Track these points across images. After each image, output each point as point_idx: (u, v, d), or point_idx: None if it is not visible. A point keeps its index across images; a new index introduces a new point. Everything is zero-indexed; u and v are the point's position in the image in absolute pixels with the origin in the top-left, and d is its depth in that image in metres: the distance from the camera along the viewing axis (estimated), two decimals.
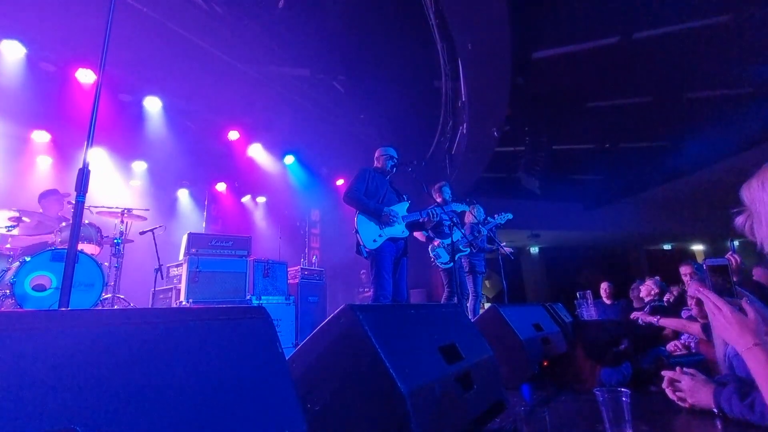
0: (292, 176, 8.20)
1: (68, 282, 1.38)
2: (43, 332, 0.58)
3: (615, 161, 9.41)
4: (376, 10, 5.50)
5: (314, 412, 0.99)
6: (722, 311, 1.06)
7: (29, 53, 4.85)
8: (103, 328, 0.64)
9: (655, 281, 4.34)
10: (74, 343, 0.60)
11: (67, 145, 6.31)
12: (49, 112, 5.59)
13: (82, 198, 1.59)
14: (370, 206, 3.28)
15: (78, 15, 4.52)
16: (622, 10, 5.35)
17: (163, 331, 0.70)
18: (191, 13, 5.11)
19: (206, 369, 0.71)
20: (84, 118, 5.31)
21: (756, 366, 0.99)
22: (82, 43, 4.88)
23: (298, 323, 5.12)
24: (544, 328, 2.30)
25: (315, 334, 1.09)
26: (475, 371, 1.29)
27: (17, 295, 3.24)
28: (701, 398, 1.34)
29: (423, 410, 0.97)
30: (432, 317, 1.40)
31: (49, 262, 3.41)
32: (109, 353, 0.63)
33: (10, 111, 5.32)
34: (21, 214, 3.75)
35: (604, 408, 1.11)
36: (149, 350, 0.67)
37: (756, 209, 1.03)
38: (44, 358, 0.56)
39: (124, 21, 4.54)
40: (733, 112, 7.28)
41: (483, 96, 5.89)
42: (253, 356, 0.78)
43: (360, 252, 3.32)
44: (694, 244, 15.63)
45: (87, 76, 5.28)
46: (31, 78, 4.99)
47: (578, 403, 1.69)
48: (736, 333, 1.03)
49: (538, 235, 12.80)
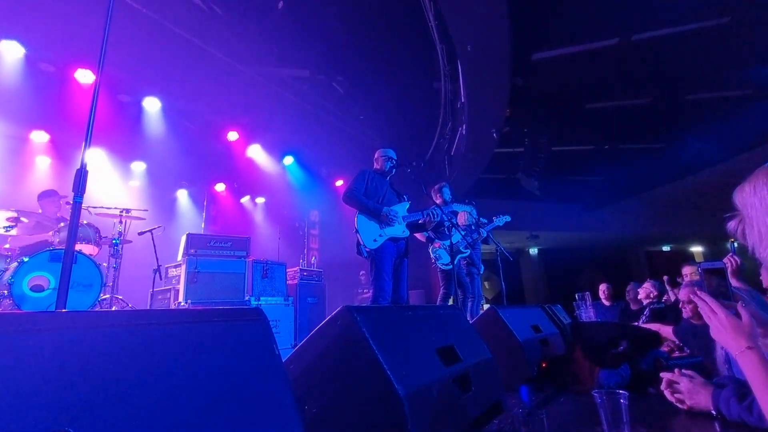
0: (291, 177, 8.20)
1: (66, 282, 1.37)
2: (40, 334, 0.58)
3: (614, 162, 9.43)
4: (375, 11, 5.51)
5: (311, 414, 0.98)
6: (717, 315, 1.06)
7: (28, 53, 4.84)
8: (98, 329, 0.64)
9: (653, 284, 4.35)
10: (70, 344, 0.59)
11: (65, 145, 6.31)
12: (48, 112, 5.58)
13: (79, 199, 1.58)
14: (369, 206, 3.28)
15: (77, 15, 4.51)
16: (621, 11, 5.36)
17: (158, 333, 0.69)
18: (190, 14, 5.11)
19: (202, 371, 0.70)
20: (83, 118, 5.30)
21: (749, 369, 0.99)
22: (82, 43, 4.88)
23: (296, 324, 5.12)
24: (543, 329, 2.30)
25: (312, 335, 1.09)
26: (473, 373, 1.29)
27: (15, 295, 3.24)
28: (700, 400, 1.34)
29: (421, 412, 0.97)
30: (430, 319, 1.40)
31: (47, 263, 3.41)
32: (104, 355, 0.62)
33: (9, 111, 5.32)
34: (19, 215, 3.74)
35: (602, 410, 1.11)
36: (144, 352, 0.66)
37: (748, 214, 1.03)
38: (40, 360, 0.56)
39: (124, 22, 4.54)
40: (733, 114, 7.29)
41: (482, 97, 5.90)
42: (249, 358, 0.78)
43: (360, 252, 3.30)
44: (693, 245, 15.65)
45: (86, 77, 5.27)
46: (30, 78, 4.99)
47: (577, 404, 1.68)
48: (730, 336, 1.04)
49: (537, 236, 12.81)
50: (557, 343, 2.34)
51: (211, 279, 4.53)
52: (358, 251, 3.32)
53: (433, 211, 3.53)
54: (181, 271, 4.53)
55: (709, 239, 14.46)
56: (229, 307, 0.83)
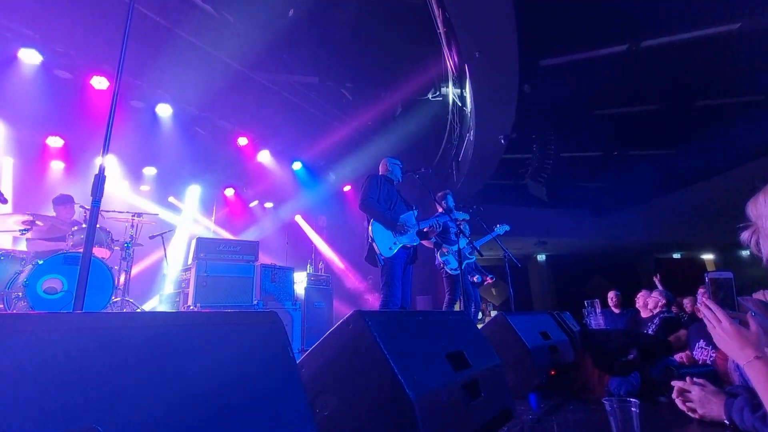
0: (299, 182, 8.26)
1: (83, 284, 1.41)
2: (68, 334, 0.60)
3: (623, 168, 9.35)
4: (383, 19, 5.57)
5: (322, 416, 1.00)
6: (722, 323, 1.06)
7: (45, 61, 4.97)
8: (123, 330, 0.66)
9: (660, 292, 4.29)
10: (97, 344, 0.62)
11: (78, 150, 6.43)
12: (63, 118, 5.71)
13: (97, 203, 1.62)
14: (386, 215, 3.31)
15: (93, 24, 4.63)
16: (630, 18, 5.35)
17: (179, 334, 0.72)
18: (203, 22, 5.22)
19: (219, 371, 0.72)
20: (97, 123, 5.44)
21: (758, 379, 0.99)
22: (97, 51, 5.00)
23: (304, 329, 5.13)
24: (552, 336, 2.29)
25: (324, 339, 1.11)
26: (482, 379, 1.29)
27: (30, 297, 3.30)
28: (712, 409, 1.32)
29: (430, 417, 0.97)
30: (440, 324, 1.41)
31: (61, 266, 3.47)
32: (128, 355, 0.64)
33: (27, 117, 5.44)
34: (35, 218, 3.81)
35: (612, 418, 1.11)
36: (165, 352, 0.68)
37: (762, 224, 1.03)
38: (69, 359, 0.58)
39: (138, 30, 4.64)
40: (744, 120, 7.21)
41: (490, 103, 5.91)
42: (264, 360, 0.79)
43: (374, 261, 3.28)
44: (704, 253, 15.39)
45: (101, 83, 5.39)
46: (46, 85, 5.11)
47: (586, 412, 1.67)
48: (737, 346, 1.03)
49: (545, 242, 12.71)
50: (566, 350, 2.33)
51: (219, 283, 4.57)
52: (371, 260, 3.31)
53: (439, 220, 3.58)
54: (190, 274, 4.58)
55: (721, 247, 14.22)
56: (246, 311, 0.85)
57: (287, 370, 0.81)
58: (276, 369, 0.79)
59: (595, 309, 3.14)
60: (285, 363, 0.81)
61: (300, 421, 0.78)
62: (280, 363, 0.81)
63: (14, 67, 4.88)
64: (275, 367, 0.80)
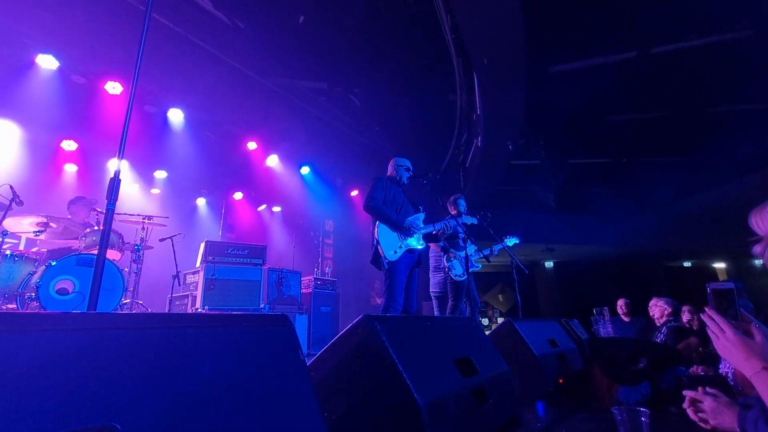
0: (307, 187, 8.31)
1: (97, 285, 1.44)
2: (87, 333, 0.62)
3: (632, 175, 9.27)
4: (392, 25, 5.61)
5: (331, 419, 1.00)
6: (726, 333, 1.05)
7: (62, 66, 5.08)
8: (138, 331, 0.68)
9: (666, 301, 4.23)
10: (113, 344, 0.63)
11: (91, 153, 6.55)
12: (77, 121, 5.83)
13: (112, 206, 1.66)
14: (392, 217, 3.25)
15: (109, 31, 4.73)
16: (640, 24, 5.34)
17: (192, 335, 0.73)
18: (214, 28, 5.30)
19: (232, 373, 0.73)
20: (110, 127, 5.55)
21: (765, 390, 0.97)
22: (112, 57, 5.10)
23: (310, 333, 5.14)
24: (560, 344, 2.27)
25: (333, 343, 1.12)
26: (490, 386, 1.29)
27: (42, 298, 3.35)
28: (724, 420, 1.30)
29: (438, 422, 0.98)
30: (448, 330, 1.41)
31: (73, 267, 3.52)
32: (143, 355, 0.66)
33: (43, 121, 5.57)
34: (49, 220, 3.89)
35: (622, 427, 1.10)
36: (179, 353, 0.70)
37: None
38: (88, 357, 0.60)
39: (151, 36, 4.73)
40: (756, 127, 7.13)
41: (498, 109, 5.91)
42: (276, 363, 0.81)
43: (379, 264, 3.20)
44: (716, 261, 15.14)
45: (115, 88, 5.50)
46: (62, 89, 5.23)
47: (595, 421, 1.66)
48: (743, 357, 1.02)
49: (552, 249, 12.60)
50: (575, 358, 2.31)
51: (227, 286, 4.60)
52: (376, 263, 3.23)
53: (448, 222, 3.52)
54: (199, 277, 4.62)
55: (732, 256, 13.98)
56: (257, 314, 0.86)
57: (298, 372, 0.82)
58: (287, 371, 0.80)
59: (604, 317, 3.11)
60: (296, 366, 0.82)
61: (311, 424, 0.79)
62: (292, 366, 0.82)
63: (32, 72, 5.00)
64: (286, 370, 0.81)
